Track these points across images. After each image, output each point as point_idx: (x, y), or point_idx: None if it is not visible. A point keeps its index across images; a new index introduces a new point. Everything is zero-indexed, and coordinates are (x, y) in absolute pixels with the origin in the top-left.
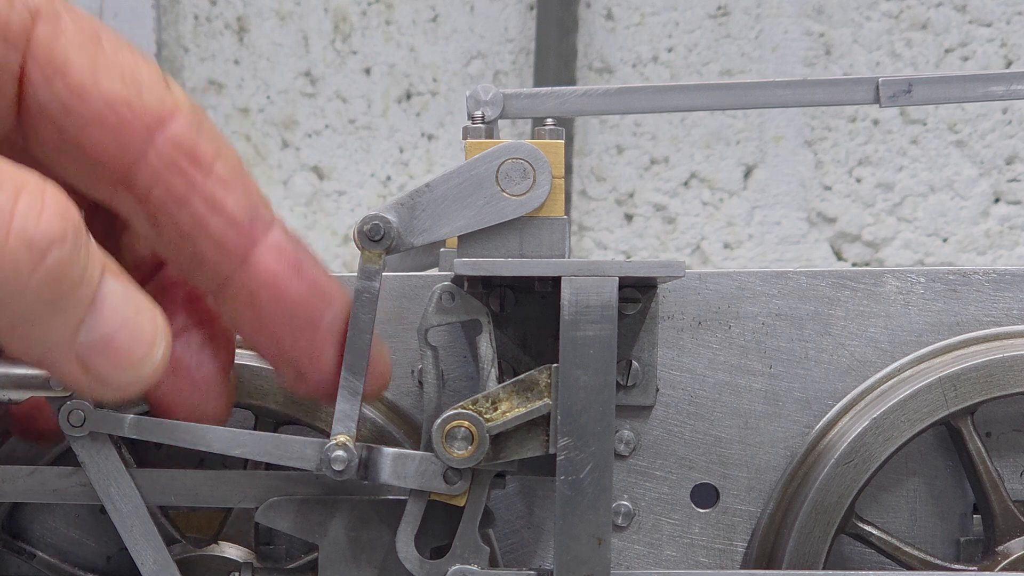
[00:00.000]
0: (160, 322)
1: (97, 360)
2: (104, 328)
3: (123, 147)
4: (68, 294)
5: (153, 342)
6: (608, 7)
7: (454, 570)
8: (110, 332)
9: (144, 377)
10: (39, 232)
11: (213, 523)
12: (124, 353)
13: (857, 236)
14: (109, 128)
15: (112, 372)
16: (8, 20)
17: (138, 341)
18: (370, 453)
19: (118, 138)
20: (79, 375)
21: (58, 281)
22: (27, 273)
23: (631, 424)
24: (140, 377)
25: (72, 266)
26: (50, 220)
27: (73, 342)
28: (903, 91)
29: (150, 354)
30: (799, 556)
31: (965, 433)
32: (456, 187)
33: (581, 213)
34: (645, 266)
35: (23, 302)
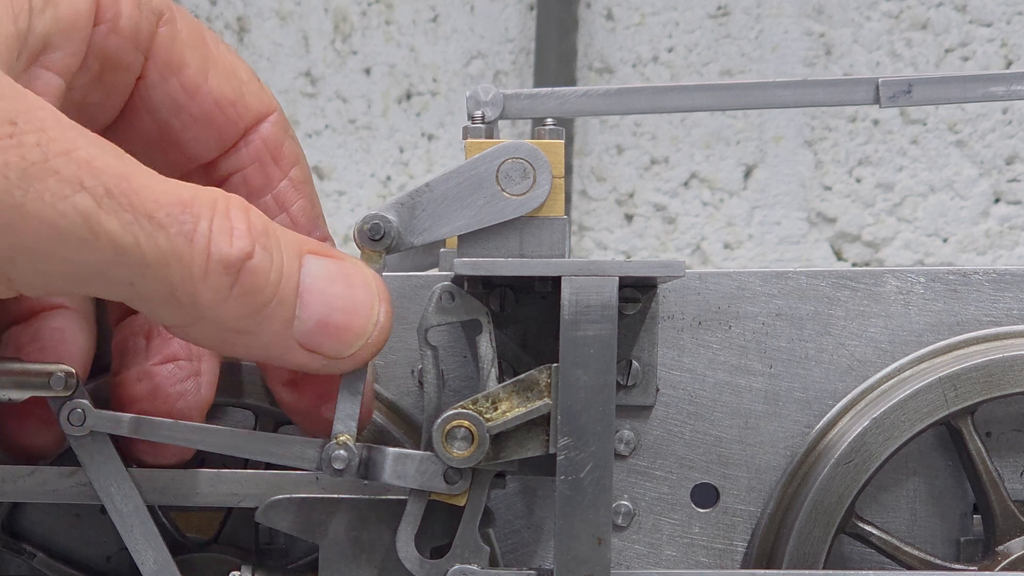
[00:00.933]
0: (374, 283)
1: (321, 343)
2: (317, 314)
3: (222, 142)
4: (268, 299)
5: (370, 307)
6: (608, 7)
7: (454, 570)
8: (324, 315)
9: (372, 341)
10: (234, 252)
11: (213, 523)
12: (345, 328)
13: (857, 236)
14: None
15: (339, 347)
16: (138, 25)
17: (354, 313)
18: (370, 453)
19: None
20: (309, 360)
21: (257, 292)
22: (225, 295)
23: (631, 424)
24: (368, 343)
25: (266, 274)
26: (240, 236)
27: (290, 335)
28: (903, 91)
29: (371, 319)
30: (799, 556)
31: (965, 433)
32: (456, 187)
33: (581, 213)
34: (645, 266)
35: (227, 319)
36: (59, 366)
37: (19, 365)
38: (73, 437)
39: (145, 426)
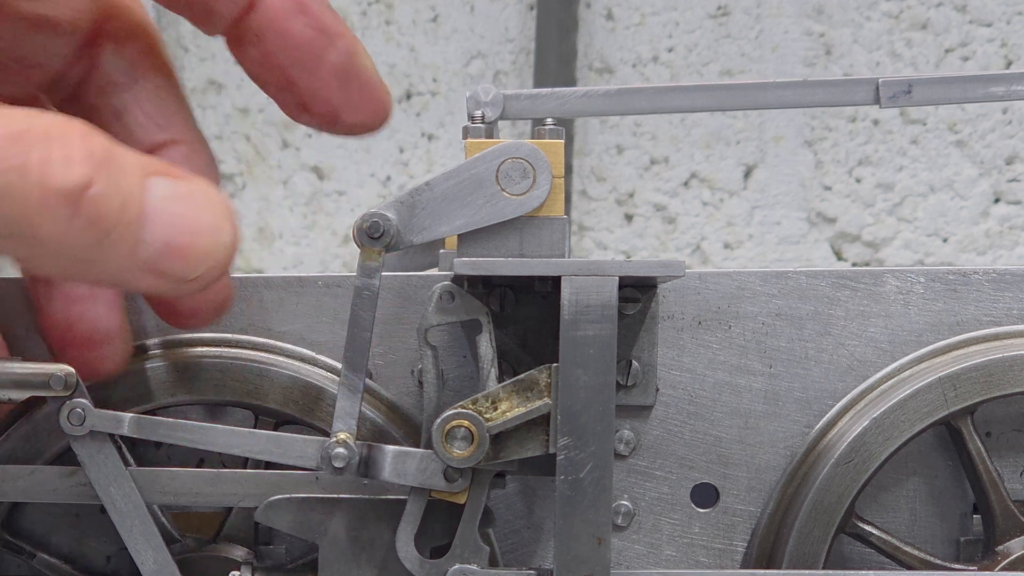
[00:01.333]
0: (217, 201)
1: (167, 266)
2: (161, 235)
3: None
4: (112, 225)
5: (216, 227)
6: (608, 7)
7: (454, 570)
8: (169, 237)
9: (219, 261)
10: (72, 179)
11: (213, 523)
12: (191, 249)
13: (857, 236)
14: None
15: (186, 269)
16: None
17: (200, 233)
18: (370, 451)
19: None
20: (154, 283)
21: (99, 219)
22: (66, 225)
23: (631, 424)
24: (215, 263)
25: (109, 201)
26: (80, 165)
27: (136, 259)
28: (903, 92)
29: (217, 239)
30: (799, 556)
31: (965, 433)
32: (456, 186)
33: (581, 213)
34: (645, 266)
35: (72, 249)
36: (59, 366)
37: (19, 365)
38: (73, 437)
39: (145, 426)
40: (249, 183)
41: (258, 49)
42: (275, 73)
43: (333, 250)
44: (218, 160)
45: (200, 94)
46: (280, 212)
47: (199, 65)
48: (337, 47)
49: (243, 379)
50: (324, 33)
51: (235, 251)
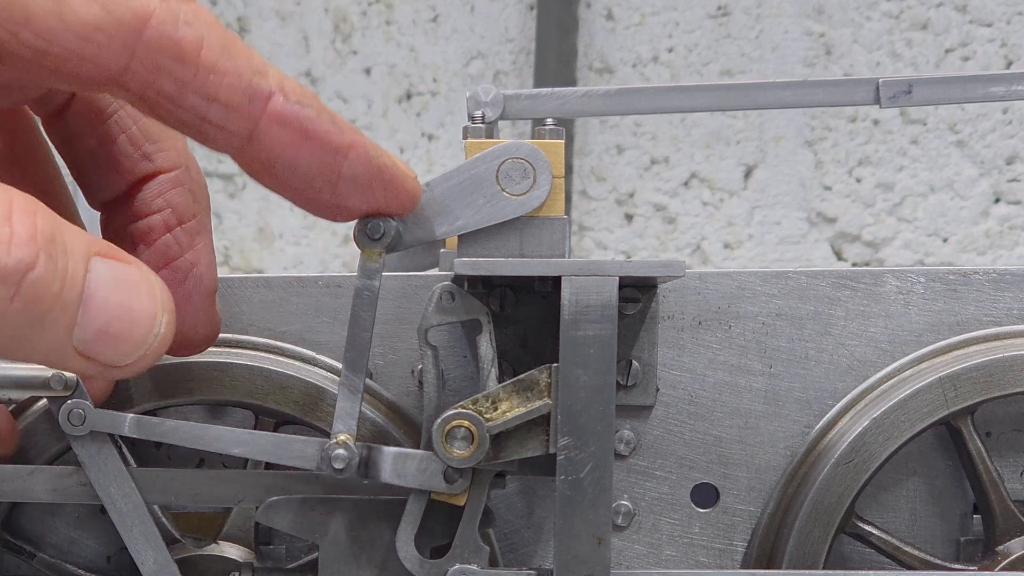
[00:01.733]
0: (159, 292)
1: (99, 351)
2: (98, 321)
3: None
4: (50, 308)
5: (152, 316)
6: (608, 7)
7: (454, 570)
8: (105, 322)
9: (151, 351)
10: (11, 264)
11: (213, 523)
12: (124, 337)
13: (857, 236)
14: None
15: (117, 356)
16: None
17: (135, 323)
18: (371, 452)
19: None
20: (86, 367)
21: (37, 301)
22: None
23: (631, 424)
24: (147, 353)
25: (49, 284)
26: (20, 245)
27: (69, 343)
28: (903, 92)
29: (151, 330)
30: (799, 556)
31: (965, 433)
32: (456, 186)
33: (581, 213)
34: (645, 266)
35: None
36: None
37: (19, 365)
38: (73, 437)
39: (145, 426)
40: (249, 183)
41: (271, 176)
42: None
43: (333, 250)
44: (218, 160)
45: None
46: (280, 212)
47: None
48: (351, 160)
49: (243, 379)
50: (334, 152)
51: (168, 343)
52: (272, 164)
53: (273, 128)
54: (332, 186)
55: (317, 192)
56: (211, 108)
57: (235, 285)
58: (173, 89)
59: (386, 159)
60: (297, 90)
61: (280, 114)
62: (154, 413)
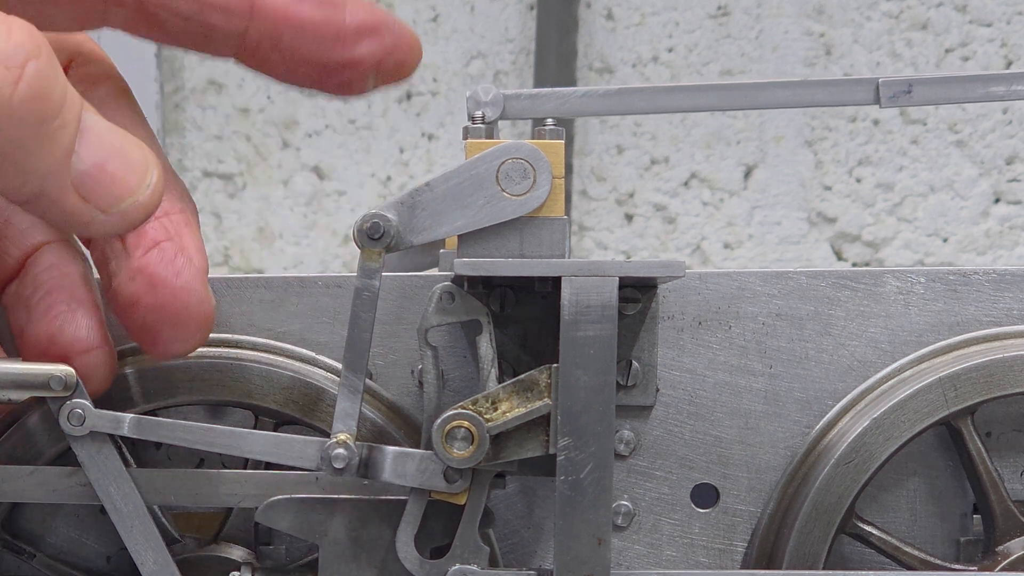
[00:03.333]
0: (147, 149)
1: (94, 188)
2: (95, 155)
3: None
4: (53, 114)
5: (145, 166)
6: (608, 7)
7: (454, 570)
8: (102, 159)
9: (143, 202)
10: (11, 47)
11: (213, 523)
12: (120, 178)
13: (857, 236)
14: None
15: (111, 198)
16: None
17: (131, 167)
18: (371, 452)
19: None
20: (79, 205)
21: (42, 98)
22: (9, 90)
23: (631, 424)
24: (139, 203)
25: (52, 83)
26: (20, 36)
27: (67, 170)
28: (903, 91)
29: (145, 178)
30: (799, 556)
31: (965, 433)
32: (456, 186)
33: (581, 213)
34: (645, 266)
35: (11, 124)
36: (59, 367)
37: (19, 365)
38: (73, 437)
39: (145, 426)
40: (249, 183)
41: (278, 52)
42: (306, 65)
43: (333, 250)
44: (218, 160)
45: (200, 94)
46: (280, 212)
47: (199, 65)
48: (351, 7)
49: (243, 379)
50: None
51: (160, 196)
52: (279, 33)
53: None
54: (341, 38)
55: (328, 50)
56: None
57: (235, 285)
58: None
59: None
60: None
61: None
62: (154, 413)
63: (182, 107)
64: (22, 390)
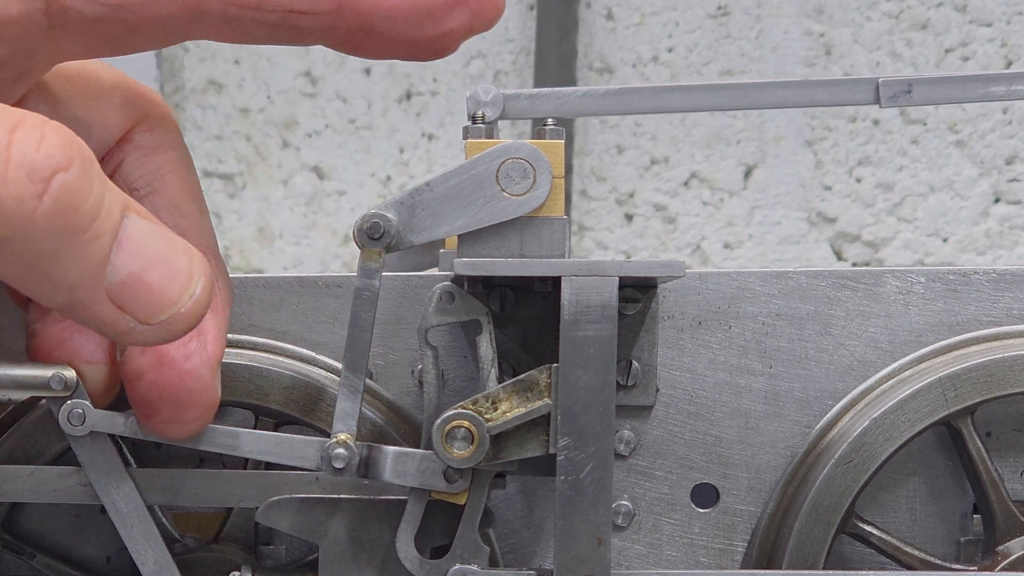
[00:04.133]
0: (196, 257)
1: (132, 299)
2: (133, 265)
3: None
4: (84, 226)
5: (190, 275)
6: (608, 7)
7: (454, 570)
8: (140, 269)
9: (185, 312)
10: (39, 159)
11: (213, 523)
12: (159, 289)
13: (857, 236)
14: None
15: (150, 310)
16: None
17: (172, 276)
18: (371, 452)
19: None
20: (115, 315)
21: (69, 211)
22: (33, 204)
23: (631, 424)
24: (180, 314)
25: (83, 195)
26: (50, 147)
27: (101, 280)
28: (903, 91)
29: (188, 288)
30: (799, 556)
31: (965, 433)
32: (456, 186)
33: (581, 213)
34: (645, 266)
35: (35, 237)
36: (59, 367)
37: (19, 365)
38: (73, 437)
39: None
40: (249, 183)
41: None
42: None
43: (333, 250)
44: (218, 160)
45: (200, 94)
46: (280, 212)
47: (199, 65)
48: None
49: (243, 379)
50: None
51: (204, 309)
52: (371, 21)
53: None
54: (431, 16)
55: (420, 29)
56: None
57: (235, 285)
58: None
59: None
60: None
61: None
62: None
63: (182, 107)
64: (22, 390)
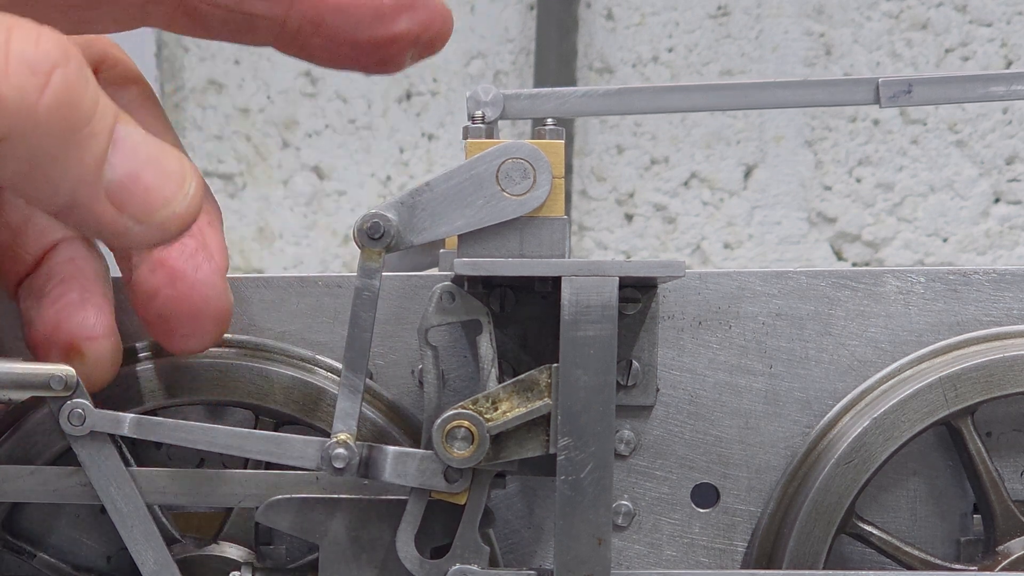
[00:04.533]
0: (185, 160)
1: (129, 198)
2: (129, 164)
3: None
4: (83, 122)
5: (182, 175)
6: (608, 7)
7: (454, 570)
8: (136, 168)
9: (180, 214)
10: (39, 54)
11: (213, 523)
12: (155, 189)
13: (857, 236)
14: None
15: (147, 209)
16: None
17: (167, 177)
18: (371, 452)
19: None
20: (113, 215)
21: (70, 106)
22: (35, 97)
23: (631, 424)
24: (176, 213)
25: (81, 91)
26: (48, 44)
27: (99, 179)
28: (903, 91)
29: (182, 188)
30: (799, 556)
31: (965, 433)
32: (456, 186)
33: (581, 213)
34: (645, 266)
35: (38, 132)
36: (59, 367)
37: (19, 365)
38: (73, 437)
39: (145, 426)
40: (249, 183)
41: (319, 35)
42: (346, 46)
43: (333, 250)
44: (218, 160)
45: (200, 94)
46: (280, 212)
47: (199, 65)
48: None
49: (243, 379)
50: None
51: (198, 208)
52: (320, 17)
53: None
54: (380, 16)
55: (369, 29)
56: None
57: (235, 285)
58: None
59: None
60: None
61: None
62: (154, 413)
63: (182, 107)
64: (22, 390)
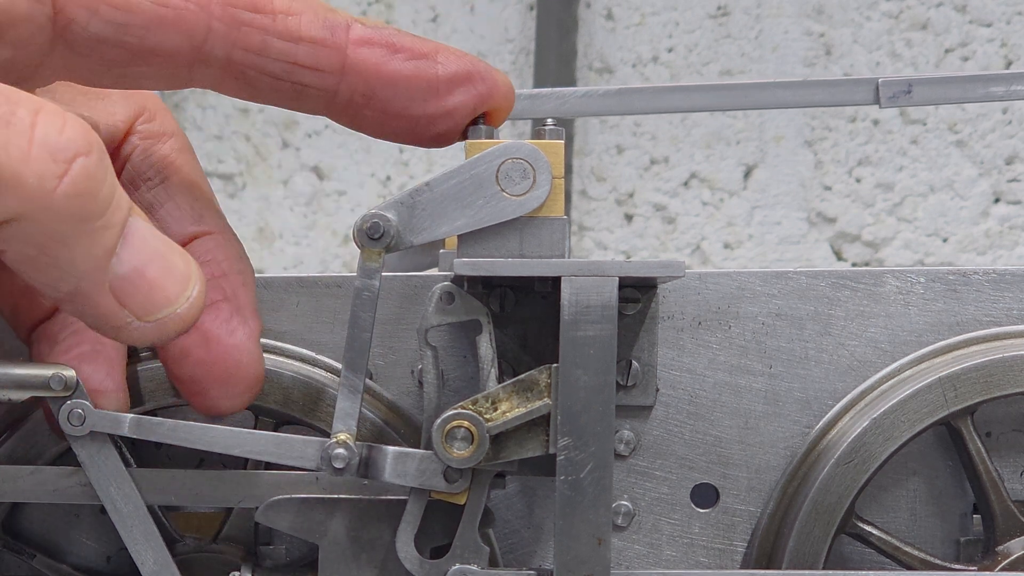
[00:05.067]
0: (192, 262)
1: (132, 293)
2: (136, 259)
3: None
4: (98, 213)
5: (188, 277)
6: (608, 7)
7: (454, 570)
8: (142, 264)
9: (181, 315)
10: (62, 141)
11: (213, 523)
12: (159, 287)
13: (857, 236)
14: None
15: (148, 307)
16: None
17: (172, 276)
18: (371, 452)
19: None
20: (114, 309)
21: (87, 196)
22: (53, 183)
23: (631, 424)
24: (177, 315)
25: (100, 182)
26: (73, 132)
27: (105, 271)
28: (903, 92)
29: (186, 290)
30: (799, 556)
31: (965, 433)
32: (456, 186)
33: (581, 213)
34: (645, 266)
35: (52, 218)
36: (59, 367)
37: (19, 365)
38: (73, 437)
39: (145, 426)
40: (249, 183)
41: (371, 108)
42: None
43: (333, 250)
44: (218, 160)
45: (200, 94)
46: (280, 212)
47: None
48: (442, 59)
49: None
50: (425, 56)
51: (198, 312)
52: (372, 90)
53: (362, 52)
54: (434, 90)
55: (422, 103)
56: (299, 49)
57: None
58: (258, 40)
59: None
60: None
61: (364, 37)
62: (154, 413)
63: (182, 107)
64: (22, 390)
